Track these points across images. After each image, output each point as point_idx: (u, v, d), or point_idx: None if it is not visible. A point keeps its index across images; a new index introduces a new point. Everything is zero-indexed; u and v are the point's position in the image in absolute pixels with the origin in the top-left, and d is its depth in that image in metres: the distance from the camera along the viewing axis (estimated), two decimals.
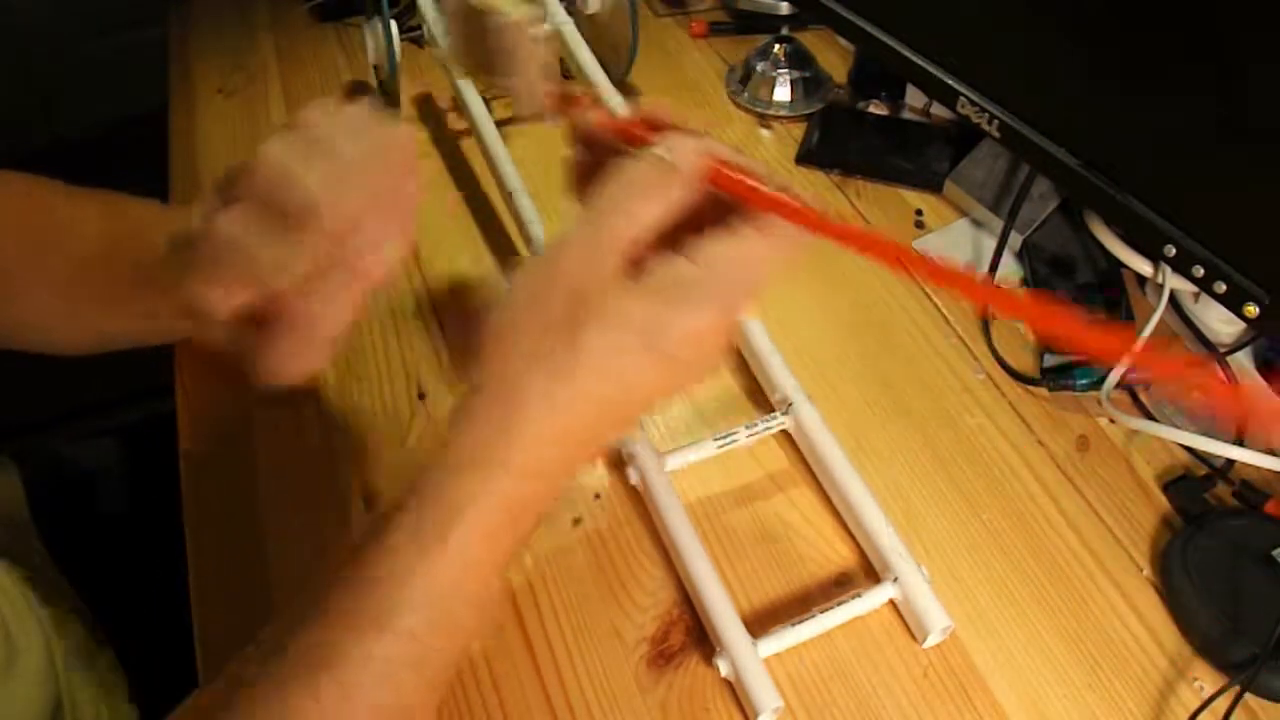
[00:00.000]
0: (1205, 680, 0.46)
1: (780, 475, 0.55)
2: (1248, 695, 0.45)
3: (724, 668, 0.45)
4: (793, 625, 0.47)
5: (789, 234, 0.37)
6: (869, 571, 0.50)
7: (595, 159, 0.40)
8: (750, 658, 0.45)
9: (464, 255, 0.68)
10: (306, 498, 0.54)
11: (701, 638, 0.47)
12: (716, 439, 0.54)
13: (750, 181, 0.37)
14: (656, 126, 0.39)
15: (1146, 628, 0.48)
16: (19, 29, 1.33)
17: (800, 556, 0.51)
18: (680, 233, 0.37)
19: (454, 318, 0.63)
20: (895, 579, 0.48)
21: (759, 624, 0.47)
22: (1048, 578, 0.50)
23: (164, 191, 0.74)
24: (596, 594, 0.49)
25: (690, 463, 0.54)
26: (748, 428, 0.54)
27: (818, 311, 0.63)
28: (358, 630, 0.33)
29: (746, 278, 0.36)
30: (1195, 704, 0.45)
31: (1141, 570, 0.50)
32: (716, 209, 0.38)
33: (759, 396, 0.58)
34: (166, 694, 0.37)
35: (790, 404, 0.54)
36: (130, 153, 0.81)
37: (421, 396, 0.59)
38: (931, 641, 0.47)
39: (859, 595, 0.47)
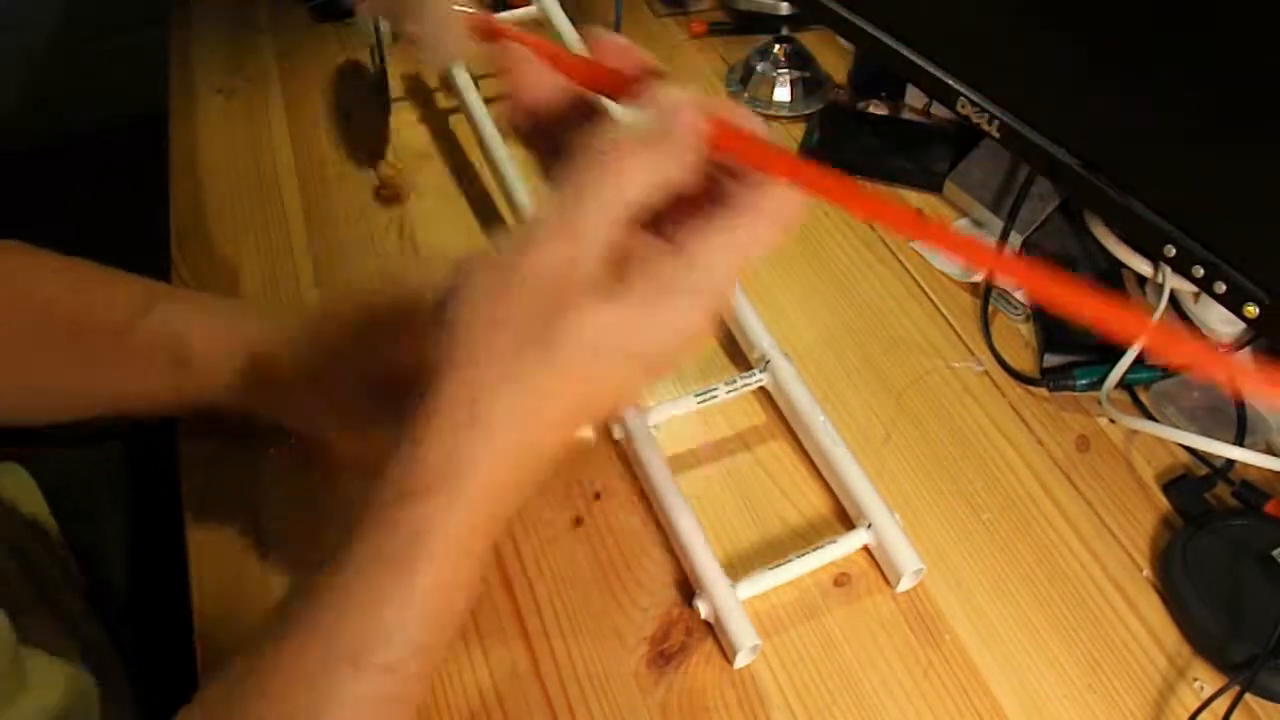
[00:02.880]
0: (1205, 680, 0.46)
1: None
2: (1248, 695, 0.45)
3: (704, 609, 0.47)
4: (770, 569, 0.48)
5: (788, 211, 0.32)
6: (845, 520, 0.52)
7: (547, 127, 0.36)
8: (729, 598, 0.46)
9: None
10: (309, 500, 0.53)
11: (702, 638, 0.47)
12: (697, 395, 0.55)
13: (761, 144, 0.32)
14: (618, 73, 0.34)
15: (1146, 628, 0.48)
16: (20, 29, 1.33)
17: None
18: (664, 208, 0.33)
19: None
20: (869, 525, 0.49)
21: (738, 569, 0.48)
22: (1048, 578, 0.50)
23: (164, 192, 0.74)
24: (596, 594, 0.50)
25: (672, 417, 0.55)
26: (727, 384, 0.56)
27: (814, 311, 0.63)
28: (332, 671, 0.31)
29: (734, 267, 0.32)
30: (1195, 704, 0.45)
31: (1141, 570, 0.50)
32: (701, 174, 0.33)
33: (737, 354, 0.60)
34: (168, 698, 0.37)
35: (768, 361, 0.56)
36: (130, 153, 0.81)
37: None
38: (905, 585, 0.49)
39: (834, 541, 0.49)
